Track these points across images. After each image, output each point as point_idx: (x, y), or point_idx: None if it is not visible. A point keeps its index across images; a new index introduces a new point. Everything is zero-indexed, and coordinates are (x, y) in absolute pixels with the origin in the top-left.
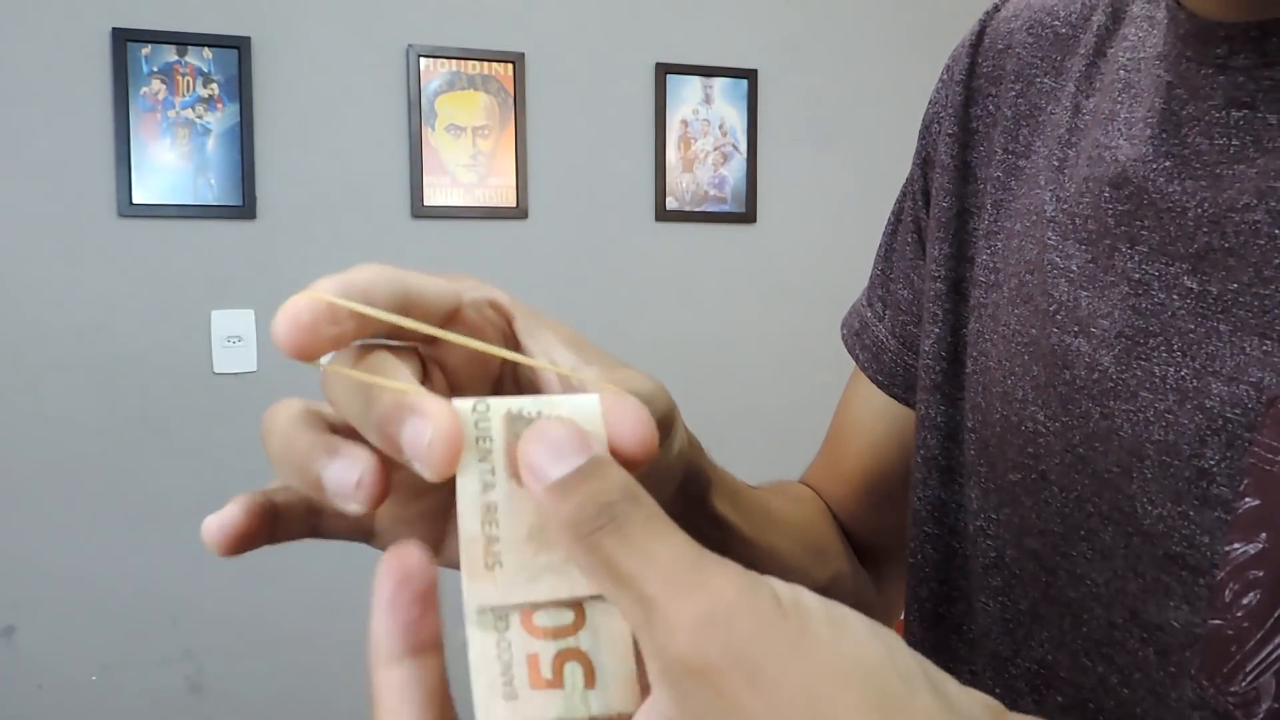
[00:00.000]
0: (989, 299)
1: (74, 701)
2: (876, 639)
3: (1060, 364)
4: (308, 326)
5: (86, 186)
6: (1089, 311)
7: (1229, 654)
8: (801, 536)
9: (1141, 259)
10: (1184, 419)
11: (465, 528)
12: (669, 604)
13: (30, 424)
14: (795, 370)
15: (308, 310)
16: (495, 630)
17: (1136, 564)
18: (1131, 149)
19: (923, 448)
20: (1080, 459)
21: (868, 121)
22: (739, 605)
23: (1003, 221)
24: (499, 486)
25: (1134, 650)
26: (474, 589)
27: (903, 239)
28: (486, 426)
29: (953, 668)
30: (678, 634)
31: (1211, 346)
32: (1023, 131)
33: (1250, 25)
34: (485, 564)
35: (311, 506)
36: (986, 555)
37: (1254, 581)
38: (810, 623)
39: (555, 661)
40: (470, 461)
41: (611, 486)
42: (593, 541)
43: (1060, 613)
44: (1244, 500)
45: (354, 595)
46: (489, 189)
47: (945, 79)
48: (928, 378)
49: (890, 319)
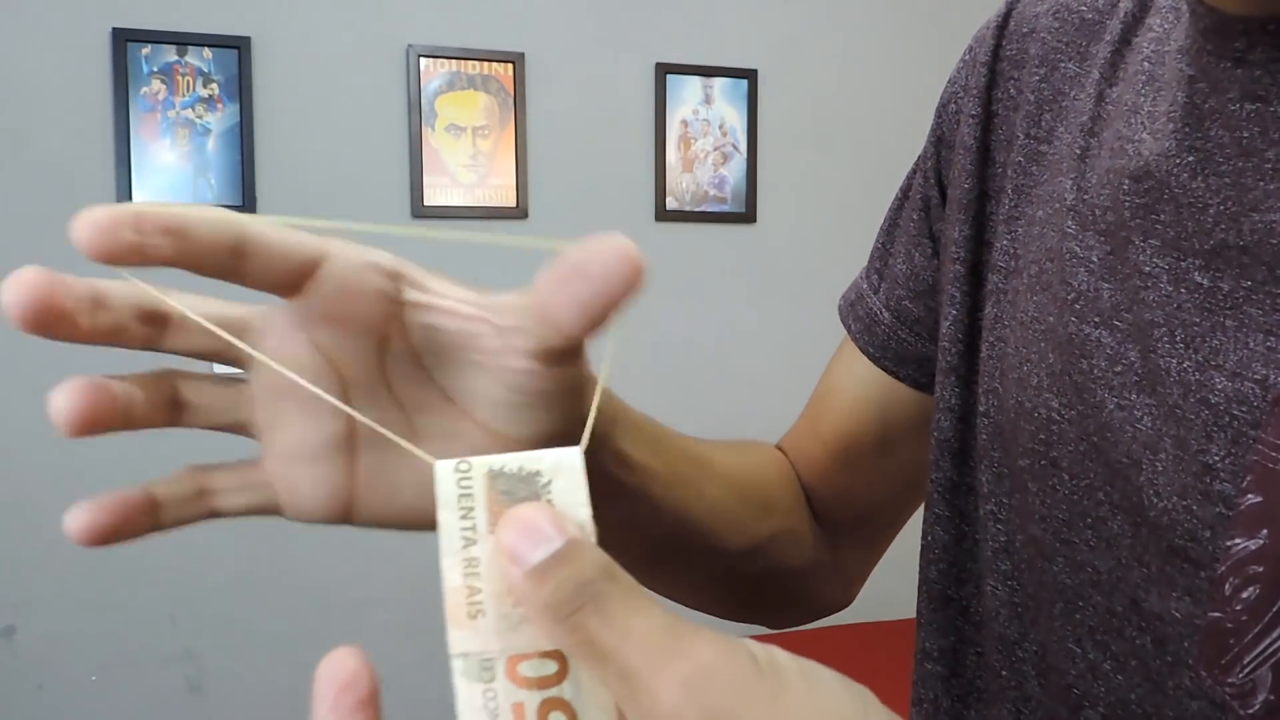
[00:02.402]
0: (1008, 285)
1: (74, 701)
2: (849, 693)
3: (1078, 353)
4: (104, 228)
5: (86, 186)
6: (1111, 304)
7: (1227, 646)
8: (742, 489)
9: (1154, 252)
10: (1190, 414)
11: (449, 580)
12: (650, 673)
13: (30, 424)
14: (795, 370)
15: (105, 213)
16: (481, 681)
17: (1142, 554)
18: (1155, 143)
19: (937, 430)
20: (1094, 447)
21: (868, 121)
22: (717, 667)
23: (1023, 207)
24: (480, 542)
25: (1131, 638)
26: (457, 636)
27: (907, 215)
28: (469, 485)
29: (961, 649)
30: (661, 700)
31: (1215, 341)
32: (1045, 117)
33: (1268, 19)
34: (468, 613)
35: (203, 488)
36: (996, 539)
37: (1254, 576)
38: (786, 681)
39: (540, 710)
40: (452, 520)
41: (588, 567)
42: (573, 623)
43: (1053, 599)
44: (1247, 497)
45: (354, 595)
46: (489, 189)
47: (968, 59)
48: (944, 360)
49: (886, 292)
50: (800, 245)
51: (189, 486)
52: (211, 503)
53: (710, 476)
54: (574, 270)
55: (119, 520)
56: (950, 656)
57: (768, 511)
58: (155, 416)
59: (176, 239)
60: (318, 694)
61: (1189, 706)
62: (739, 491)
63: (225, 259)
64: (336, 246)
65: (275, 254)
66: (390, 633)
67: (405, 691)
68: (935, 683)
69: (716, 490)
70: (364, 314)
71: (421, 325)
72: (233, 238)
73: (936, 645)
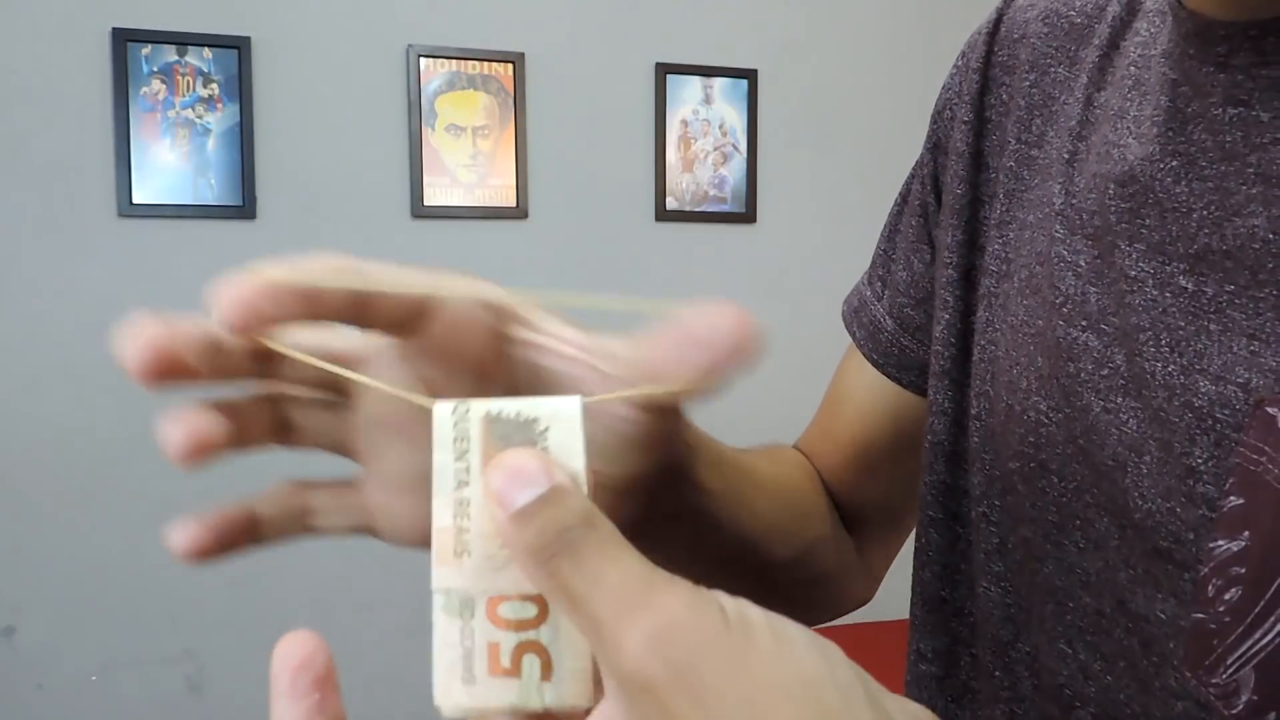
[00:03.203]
0: (999, 288)
1: (74, 701)
2: (817, 653)
3: (1065, 356)
4: (245, 304)
5: (86, 186)
6: (1098, 308)
7: (1211, 647)
8: (787, 500)
9: (1139, 256)
10: (1174, 417)
11: (438, 519)
12: (617, 624)
13: (30, 424)
14: (795, 370)
15: (245, 290)
16: (460, 618)
17: (1128, 556)
18: (1140, 148)
19: (930, 433)
20: (1081, 450)
21: (868, 121)
22: (683, 622)
23: (1015, 211)
24: (473, 484)
25: (1119, 639)
26: (441, 572)
27: (907, 221)
28: (465, 427)
29: (955, 650)
30: (625, 652)
31: (1200, 345)
32: (1036, 121)
33: (1249, 24)
34: (454, 551)
35: (304, 507)
36: (989, 542)
37: (1236, 578)
38: (754, 637)
39: (515, 652)
40: (447, 460)
41: (569, 513)
42: (551, 567)
43: (1044, 600)
44: (1229, 499)
45: (354, 595)
46: (489, 189)
47: (961, 65)
48: (937, 364)
49: (889, 299)
50: (800, 245)
51: (291, 505)
52: (310, 521)
53: (759, 489)
54: (692, 338)
55: (221, 537)
56: (944, 658)
57: (808, 519)
58: (264, 439)
59: (308, 302)
60: (275, 674)
61: (1175, 706)
62: (784, 502)
63: (349, 311)
64: (448, 284)
65: (394, 301)
66: (390, 633)
67: (405, 691)
68: (929, 683)
69: (765, 503)
70: (472, 351)
71: (526, 363)
72: (356, 289)
73: (931, 646)
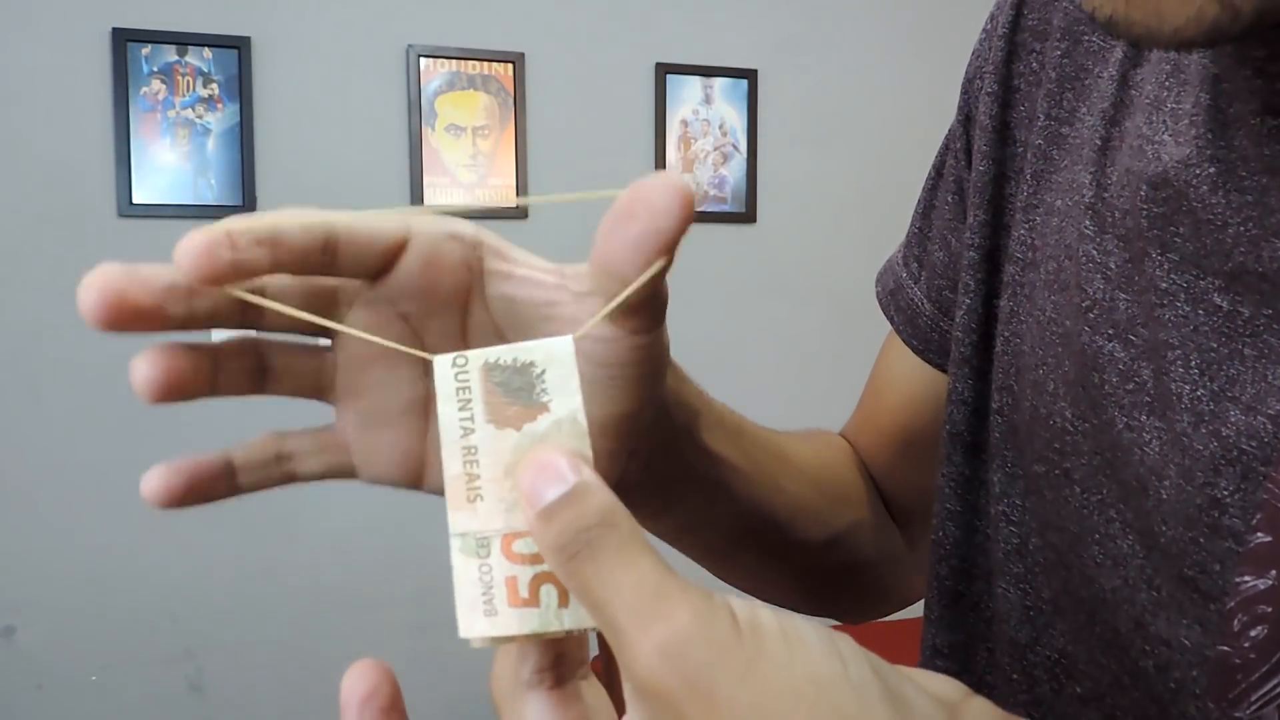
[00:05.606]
0: (1025, 278)
1: (74, 701)
2: (831, 653)
3: (1091, 365)
4: (202, 253)
5: (86, 186)
6: (1127, 316)
7: (1235, 681)
8: (818, 481)
9: (1171, 268)
10: (1198, 444)
11: (449, 468)
12: (632, 633)
13: (30, 424)
14: (795, 370)
15: (200, 238)
16: (477, 556)
17: (1152, 577)
18: (1176, 149)
19: (949, 422)
20: (1107, 463)
21: (868, 121)
22: (695, 633)
23: (1042, 194)
24: (478, 430)
25: (1135, 660)
26: (457, 518)
27: (942, 197)
28: (466, 378)
29: (970, 645)
30: (639, 661)
31: (1233, 370)
32: (1067, 95)
33: None
34: (467, 498)
35: (280, 452)
36: (1009, 542)
37: (1262, 616)
38: (765, 642)
39: (532, 584)
40: (451, 411)
41: (590, 513)
42: (571, 567)
43: (1076, 608)
44: (1256, 535)
45: (354, 595)
46: (489, 189)
47: (988, 30)
48: (957, 351)
49: (926, 281)
50: (800, 245)
51: (267, 451)
52: (288, 467)
53: (788, 469)
54: (623, 213)
55: (194, 483)
56: (961, 652)
57: (844, 503)
58: (242, 383)
59: (271, 248)
60: (344, 703)
61: None
62: (816, 483)
63: (318, 258)
64: (418, 223)
65: (363, 243)
66: (390, 633)
67: (405, 691)
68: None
69: (795, 483)
70: (447, 284)
71: (501, 296)
72: (323, 236)
73: (947, 641)
